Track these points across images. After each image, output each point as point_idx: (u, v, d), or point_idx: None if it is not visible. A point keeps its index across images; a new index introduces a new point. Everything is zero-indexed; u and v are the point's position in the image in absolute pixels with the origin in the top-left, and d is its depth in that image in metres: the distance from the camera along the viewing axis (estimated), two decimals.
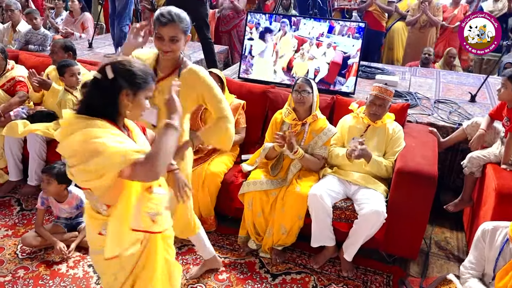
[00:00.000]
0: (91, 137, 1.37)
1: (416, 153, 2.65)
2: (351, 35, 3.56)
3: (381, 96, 2.68)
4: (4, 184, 3.40)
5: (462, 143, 3.07)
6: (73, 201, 2.79)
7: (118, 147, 1.39)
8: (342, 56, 3.59)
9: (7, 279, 2.52)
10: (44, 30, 4.88)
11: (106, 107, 1.46)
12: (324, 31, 3.63)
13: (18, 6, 5.23)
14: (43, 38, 4.80)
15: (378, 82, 3.76)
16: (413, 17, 5.93)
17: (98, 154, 1.36)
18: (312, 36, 3.67)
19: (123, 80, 1.45)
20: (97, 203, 1.57)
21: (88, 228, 1.68)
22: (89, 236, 1.69)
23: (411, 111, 3.34)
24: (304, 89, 2.68)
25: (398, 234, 2.57)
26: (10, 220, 3.05)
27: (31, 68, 3.31)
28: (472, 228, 2.77)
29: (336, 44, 3.61)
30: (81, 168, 1.40)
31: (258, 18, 3.82)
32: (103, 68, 1.45)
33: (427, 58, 5.10)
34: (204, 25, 4.13)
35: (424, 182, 2.45)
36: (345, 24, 3.60)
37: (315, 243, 2.64)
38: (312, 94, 2.70)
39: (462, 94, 3.84)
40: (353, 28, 3.56)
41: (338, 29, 3.60)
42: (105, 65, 1.45)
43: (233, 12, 6.49)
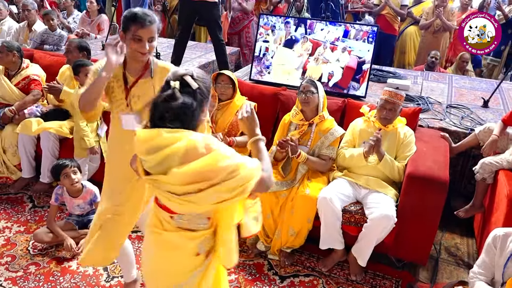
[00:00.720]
0: (222, 157, 1.29)
1: (427, 158, 2.63)
2: (366, 39, 3.55)
3: (391, 101, 2.67)
4: (17, 181, 3.45)
5: (474, 148, 3.05)
6: (88, 196, 2.83)
7: (249, 164, 1.34)
8: (357, 61, 3.58)
9: (19, 274, 2.56)
10: (60, 31, 4.94)
11: (196, 119, 1.37)
12: (340, 35, 3.63)
13: (35, 6, 5.31)
14: (59, 38, 4.87)
15: (390, 86, 3.74)
16: (427, 21, 5.89)
17: (235, 173, 1.28)
18: (327, 40, 3.66)
19: (204, 90, 1.39)
20: (198, 219, 1.45)
21: (176, 259, 1.49)
22: (177, 267, 1.50)
23: (423, 115, 3.32)
24: (308, 89, 2.71)
25: (408, 239, 2.56)
26: (22, 217, 3.09)
27: (46, 66, 3.36)
28: (483, 234, 2.75)
29: (351, 49, 3.60)
30: (217, 189, 1.28)
31: (273, 21, 3.83)
32: (182, 78, 1.35)
33: (434, 62, 5.06)
34: (217, 27, 4.15)
35: (435, 187, 2.43)
36: (360, 29, 3.59)
37: (323, 245, 2.63)
38: (317, 94, 2.72)
39: (474, 99, 3.81)
40: (366, 32, 3.55)
41: (354, 34, 3.59)
42: (183, 75, 1.36)
43: (242, 14, 6.51)
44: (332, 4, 4.42)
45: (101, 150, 3.23)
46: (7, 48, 3.35)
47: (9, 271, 2.57)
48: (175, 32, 6.40)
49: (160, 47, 5.06)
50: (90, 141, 3.10)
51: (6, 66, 3.45)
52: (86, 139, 3.08)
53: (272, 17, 3.90)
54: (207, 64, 4.86)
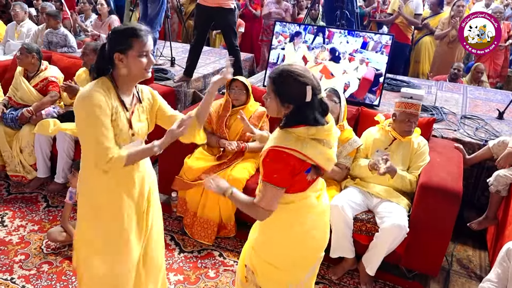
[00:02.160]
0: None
1: (441, 169, 2.62)
2: (384, 52, 3.53)
3: (414, 113, 2.66)
4: (32, 181, 3.50)
5: (488, 160, 3.03)
6: None
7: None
8: (374, 73, 3.56)
9: (32, 272, 2.59)
10: (63, 30, 5.00)
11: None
12: (358, 47, 3.60)
13: (53, 9, 5.41)
14: (63, 37, 4.94)
15: (403, 95, 3.73)
16: (442, 31, 5.87)
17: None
18: (345, 51, 3.65)
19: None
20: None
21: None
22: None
23: (437, 125, 3.31)
24: (331, 98, 2.70)
25: (420, 249, 2.54)
26: (36, 216, 3.14)
27: (63, 68, 3.42)
28: (496, 247, 2.72)
29: (369, 60, 3.58)
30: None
31: (292, 29, 3.82)
32: (304, 87, 1.56)
33: (456, 73, 5.03)
34: (232, 33, 4.18)
35: (448, 198, 2.42)
36: (379, 41, 3.56)
37: (334, 254, 2.63)
38: (339, 104, 2.72)
39: (489, 111, 3.78)
40: (387, 45, 3.51)
41: (372, 45, 3.57)
42: (306, 85, 1.56)
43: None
44: (347, 13, 4.43)
45: None
46: (27, 50, 3.42)
47: (23, 269, 2.62)
48: (190, 37, 6.49)
49: (175, 51, 5.11)
50: None
51: (25, 68, 3.52)
52: None
53: (290, 25, 3.90)
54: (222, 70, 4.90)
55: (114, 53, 1.67)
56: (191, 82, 4.39)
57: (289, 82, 1.57)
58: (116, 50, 1.66)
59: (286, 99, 1.59)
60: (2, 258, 2.70)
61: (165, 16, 4.83)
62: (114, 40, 1.68)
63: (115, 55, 1.67)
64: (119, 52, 1.66)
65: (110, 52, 1.68)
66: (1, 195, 3.38)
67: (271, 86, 1.63)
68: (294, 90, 1.56)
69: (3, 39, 5.39)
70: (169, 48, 4.95)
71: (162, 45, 5.36)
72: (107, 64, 1.70)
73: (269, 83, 1.65)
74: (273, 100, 1.62)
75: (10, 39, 5.30)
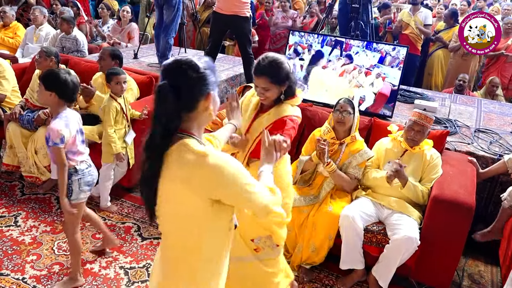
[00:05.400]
0: None
1: (454, 182, 2.60)
2: (401, 67, 3.46)
3: (420, 122, 2.66)
4: (46, 182, 3.54)
5: (502, 175, 2.99)
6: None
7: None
8: (390, 89, 3.50)
9: (43, 273, 2.62)
10: (75, 35, 5.05)
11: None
12: (375, 62, 3.54)
13: (71, 13, 5.50)
14: (75, 42, 5.01)
15: (417, 107, 3.72)
16: (456, 43, 5.85)
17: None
18: (363, 65, 3.59)
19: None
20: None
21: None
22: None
23: (450, 138, 3.29)
24: (346, 109, 2.70)
25: (430, 263, 2.52)
26: (49, 217, 3.18)
27: (80, 72, 3.48)
28: (508, 263, 2.68)
29: (385, 76, 3.52)
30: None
31: (311, 40, 3.75)
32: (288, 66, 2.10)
33: (461, 85, 4.99)
34: (247, 41, 4.22)
35: (460, 212, 2.40)
36: (396, 56, 3.48)
37: (344, 265, 2.62)
38: (353, 115, 2.72)
39: (504, 125, 3.75)
40: (402, 61, 3.45)
41: (389, 60, 3.51)
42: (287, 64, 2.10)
43: (286, 32, 6.59)
44: (362, 23, 4.43)
45: (128, 156, 3.30)
46: (46, 54, 3.48)
47: (34, 269, 2.65)
48: (204, 44, 6.55)
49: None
50: (117, 147, 3.17)
51: (43, 71, 3.57)
52: (113, 145, 3.15)
53: (309, 36, 3.84)
54: (235, 77, 4.93)
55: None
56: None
57: (281, 67, 2.04)
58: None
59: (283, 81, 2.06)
60: (15, 257, 2.73)
61: (181, 23, 4.88)
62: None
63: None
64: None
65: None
66: (15, 195, 3.43)
67: (267, 79, 2.02)
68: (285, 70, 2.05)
69: (22, 42, 5.49)
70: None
71: (177, 51, 5.42)
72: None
73: (264, 78, 2.02)
74: (274, 88, 2.04)
75: (29, 42, 5.40)
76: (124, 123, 3.24)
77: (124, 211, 3.31)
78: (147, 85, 3.82)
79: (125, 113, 3.23)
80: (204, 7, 7.06)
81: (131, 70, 3.99)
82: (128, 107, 3.28)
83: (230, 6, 4.07)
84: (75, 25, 5.16)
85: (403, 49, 3.50)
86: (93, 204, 3.34)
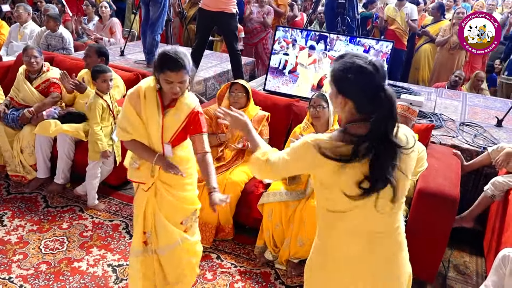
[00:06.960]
0: None
1: (439, 175, 2.63)
2: (385, 60, 3.49)
3: (403, 114, 2.69)
4: (32, 181, 3.51)
5: (486, 167, 3.04)
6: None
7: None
8: None
9: (30, 272, 2.60)
10: (61, 32, 5.00)
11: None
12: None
13: (56, 11, 5.44)
14: (61, 39, 4.96)
15: (403, 101, 3.74)
16: (443, 38, 5.91)
17: None
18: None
19: None
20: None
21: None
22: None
23: (435, 132, 3.32)
24: (319, 103, 2.73)
25: (416, 255, 2.53)
26: (35, 216, 3.15)
27: (65, 70, 3.44)
28: (492, 254, 2.72)
29: None
30: None
31: (294, 35, 3.81)
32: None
33: (457, 81, 5.04)
34: (234, 38, 4.21)
35: (445, 204, 2.43)
36: (380, 50, 3.54)
37: None
38: (327, 108, 2.74)
39: (488, 118, 3.80)
40: (385, 53, 3.49)
41: (372, 54, 3.53)
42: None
43: (261, 26, 6.60)
44: (348, 19, 4.46)
45: (114, 154, 3.28)
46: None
47: (21, 269, 2.63)
48: (191, 40, 6.53)
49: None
50: (103, 145, 3.15)
51: (28, 69, 3.54)
52: (99, 143, 3.13)
53: (293, 31, 3.88)
54: (222, 73, 4.93)
55: None
56: (192, 86, 4.41)
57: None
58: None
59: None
60: (1, 257, 2.71)
61: (167, 20, 4.86)
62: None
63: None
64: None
65: None
66: (1, 195, 3.40)
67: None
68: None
69: (6, 40, 5.43)
70: None
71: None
72: None
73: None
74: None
75: (13, 40, 5.34)
76: (110, 121, 3.23)
77: (112, 209, 3.30)
78: (133, 82, 3.77)
79: (112, 110, 3.22)
80: (191, 4, 7.03)
81: (117, 67, 3.97)
82: (115, 104, 3.27)
83: (216, 2, 4.06)
84: (61, 23, 5.11)
85: (387, 43, 3.54)
86: (81, 203, 3.32)
